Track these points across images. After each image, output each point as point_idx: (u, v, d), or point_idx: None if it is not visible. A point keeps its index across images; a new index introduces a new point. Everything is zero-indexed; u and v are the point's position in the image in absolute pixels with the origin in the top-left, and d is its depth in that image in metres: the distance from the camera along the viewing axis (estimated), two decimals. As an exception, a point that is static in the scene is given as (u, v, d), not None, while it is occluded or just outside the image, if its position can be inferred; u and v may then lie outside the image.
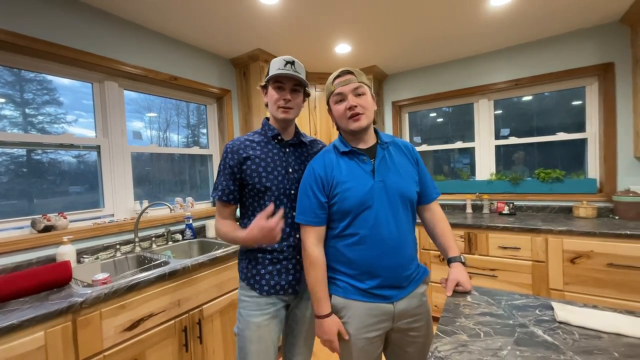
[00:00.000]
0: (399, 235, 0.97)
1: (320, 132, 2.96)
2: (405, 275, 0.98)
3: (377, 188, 0.97)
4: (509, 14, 1.99)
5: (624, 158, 2.17)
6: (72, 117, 1.73)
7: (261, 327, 1.06)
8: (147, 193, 2.11)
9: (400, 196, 0.98)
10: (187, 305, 1.45)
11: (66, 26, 1.58)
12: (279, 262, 1.08)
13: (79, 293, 1.15)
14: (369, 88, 1.02)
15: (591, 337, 0.72)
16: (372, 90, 1.04)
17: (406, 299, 0.98)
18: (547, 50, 2.39)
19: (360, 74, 1.02)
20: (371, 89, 1.04)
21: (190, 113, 2.47)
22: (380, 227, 0.95)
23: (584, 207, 2.17)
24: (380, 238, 0.95)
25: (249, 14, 1.84)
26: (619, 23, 2.13)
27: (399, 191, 0.98)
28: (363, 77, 1.02)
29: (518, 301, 0.93)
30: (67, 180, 1.74)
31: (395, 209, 0.97)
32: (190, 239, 2.05)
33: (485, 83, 2.65)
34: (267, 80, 1.09)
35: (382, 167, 1.00)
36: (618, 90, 2.17)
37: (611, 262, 1.73)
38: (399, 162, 1.03)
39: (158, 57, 2.00)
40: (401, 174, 1.01)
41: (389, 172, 1.00)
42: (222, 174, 1.09)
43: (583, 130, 2.39)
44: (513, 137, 2.64)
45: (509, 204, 2.44)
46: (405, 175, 1.02)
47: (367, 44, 2.36)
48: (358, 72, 1.02)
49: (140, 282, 1.26)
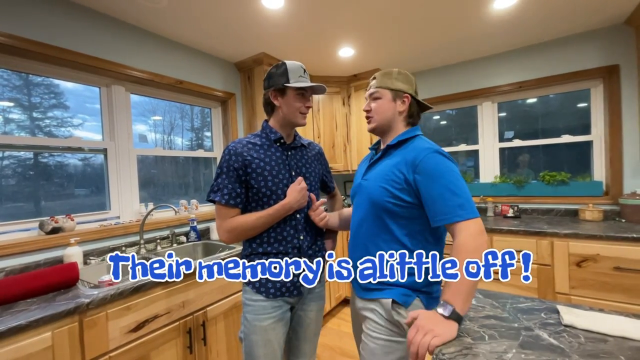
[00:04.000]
0: (356, 236, 1.04)
1: (324, 135, 2.97)
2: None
3: (362, 185, 1.04)
4: (513, 16, 1.99)
5: (630, 160, 2.15)
6: (78, 121, 1.76)
7: (268, 331, 1.06)
8: (152, 196, 2.13)
9: (369, 199, 0.99)
10: (192, 307, 1.46)
11: (76, 33, 1.61)
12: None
13: (85, 294, 1.16)
14: (390, 92, 1.02)
15: (597, 340, 0.71)
16: (396, 92, 1.02)
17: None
18: (552, 53, 2.38)
19: (383, 78, 1.04)
20: (396, 92, 1.02)
21: (194, 116, 2.50)
22: (353, 224, 1.07)
23: (590, 210, 2.15)
24: (351, 234, 1.08)
25: (254, 18, 1.86)
26: (624, 25, 2.12)
27: (368, 193, 1.00)
28: (386, 81, 1.03)
29: (523, 304, 0.93)
30: (74, 183, 1.77)
31: (363, 210, 1.01)
32: (194, 241, 2.07)
33: (489, 86, 2.64)
34: (288, 87, 1.08)
35: (373, 167, 1.05)
36: (623, 92, 2.16)
37: (618, 266, 1.71)
38: (387, 166, 0.98)
39: (163, 61, 2.03)
40: (378, 178, 0.97)
41: (373, 172, 1.02)
42: (225, 176, 1.05)
43: (588, 132, 2.37)
44: (517, 140, 2.63)
45: (513, 207, 2.42)
46: (383, 180, 0.95)
47: (370, 47, 2.38)
48: (383, 75, 1.05)
49: (146, 283, 1.27)
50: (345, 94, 3.03)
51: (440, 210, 0.85)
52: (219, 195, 1.05)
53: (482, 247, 0.80)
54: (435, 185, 0.86)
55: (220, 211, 1.07)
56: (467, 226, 0.81)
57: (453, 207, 0.83)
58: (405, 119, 1.05)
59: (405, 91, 1.02)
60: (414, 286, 0.92)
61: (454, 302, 0.76)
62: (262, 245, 1.09)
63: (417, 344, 0.72)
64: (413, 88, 1.04)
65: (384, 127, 1.05)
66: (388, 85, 1.02)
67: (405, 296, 0.91)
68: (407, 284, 0.92)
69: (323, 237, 1.25)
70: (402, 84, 1.02)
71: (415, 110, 1.05)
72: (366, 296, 0.99)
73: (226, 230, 1.06)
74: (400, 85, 1.02)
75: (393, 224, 0.94)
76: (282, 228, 1.09)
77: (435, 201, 0.86)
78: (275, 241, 1.09)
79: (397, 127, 1.04)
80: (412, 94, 1.03)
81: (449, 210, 0.83)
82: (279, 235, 1.09)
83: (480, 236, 0.81)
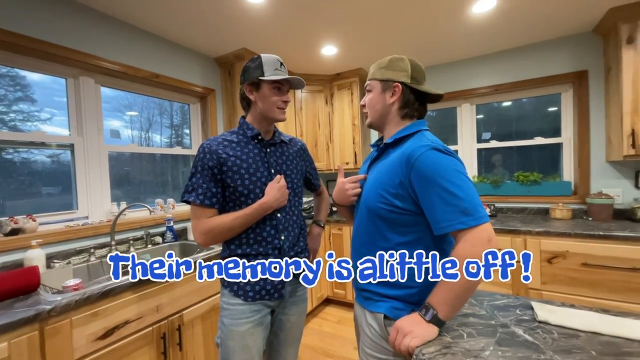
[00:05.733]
0: (355, 239, 0.97)
1: (307, 134, 2.94)
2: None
3: (365, 186, 0.96)
4: (490, 21, 2.05)
5: (596, 162, 2.28)
6: (46, 115, 1.64)
7: (245, 336, 1.02)
8: (126, 194, 2.02)
9: (365, 203, 0.92)
10: (167, 311, 1.39)
11: (40, 20, 1.49)
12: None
13: (47, 300, 1.07)
14: (379, 82, 0.93)
15: (569, 336, 0.73)
16: (385, 83, 0.92)
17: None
18: (526, 57, 2.48)
19: (374, 68, 0.95)
20: (384, 82, 0.92)
21: (174, 113, 2.40)
22: (353, 228, 0.99)
23: (559, 209, 2.25)
24: (352, 238, 0.99)
25: (235, 13, 1.81)
26: (592, 33, 2.23)
27: (364, 197, 0.93)
28: (376, 72, 0.94)
29: (499, 301, 0.95)
30: (40, 181, 1.64)
31: (360, 215, 0.94)
32: (171, 241, 1.98)
33: (467, 88, 2.71)
34: (263, 80, 1.04)
35: (372, 167, 0.97)
36: (591, 97, 2.28)
37: (586, 262, 1.80)
38: (383, 168, 0.90)
39: (138, 54, 1.93)
40: (374, 182, 0.90)
41: (371, 175, 0.95)
42: (199, 175, 1.01)
43: (559, 135, 2.48)
44: (494, 141, 2.72)
45: (490, 206, 2.50)
46: (379, 184, 0.87)
47: (352, 46, 2.37)
48: (376, 65, 0.96)
49: (116, 287, 1.20)
50: (328, 93, 3.02)
51: (442, 217, 0.74)
52: (193, 195, 1.00)
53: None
54: (433, 187, 0.74)
55: (196, 212, 1.01)
56: (472, 235, 0.71)
57: (455, 213, 0.72)
58: (399, 111, 0.92)
59: (395, 79, 0.90)
60: (407, 299, 0.84)
61: (439, 308, 0.73)
62: (240, 246, 1.05)
63: (397, 345, 0.72)
64: (407, 74, 0.90)
65: (377, 122, 0.97)
66: (377, 76, 0.94)
67: (398, 310, 0.83)
68: (400, 297, 0.85)
69: (305, 237, 1.22)
70: (392, 71, 0.91)
71: (410, 100, 0.91)
72: (362, 304, 0.93)
73: (202, 232, 1.00)
74: (389, 74, 0.91)
75: (389, 232, 0.85)
76: (261, 228, 1.05)
77: (435, 206, 0.75)
78: (255, 242, 1.05)
79: (393, 121, 0.93)
80: (404, 82, 0.90)
81: (451, 217, 0.72)
82: (258, 236, 1.05)
83: (486, 244, 0.71)
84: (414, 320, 0.74)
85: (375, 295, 0.89)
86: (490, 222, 0.75)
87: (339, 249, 2.73)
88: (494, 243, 0.72)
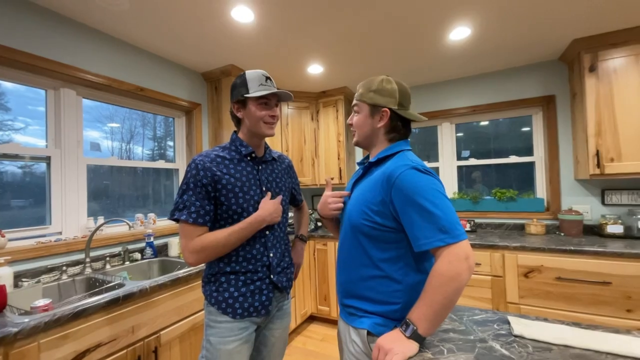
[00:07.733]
0: (340, 254, 0.98)
1: (292, 149, 2.97)
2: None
3: (345, 205, 1.00)
4: (466, 48, 2.19)
5: (566, 180, 2.41)
6: (20, 124, 1.59)
7: (233, 355, 1.00)
8: (104, 208, 1.95)
9: (348, 220, 0.93)
10: (143, 332, 1.33)
11: (21, 30, 1.47)
12: (252, 282, 1.04)
13: (13, 322, 1.01)
14: (368, 106, 0.96)
15: (543, 349, 0.76)
16: (374, 107, 0.95)
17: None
18: (500, 81, 2.64)
19: (363, 89, 0.97)
20: (372, 106, 0.95)
21: (157, 125, 2.37)
22: (338, 243, 1.00)
23: (534, 225, 2.35)
24: (338, 249, 1.00)
25: (222, 30, 1.85)
26: (559, 61, 2.42)
27: (348, 214, 0.95)
28: (365, 94, 0.96)
29: (478, 316, 0.98)
30: (10, 193, 1.57)
31: (344, 231, 0.96)
32: (150, 258, 1.92)
33: (447, 107, 2.85)
34: (248, 97, 1.04)
35: (357, 185, 0.99)
36: (559, 119, 2.44)
37: (559, 276, 1.88)
38: (367, 185, 0.92)
39: (123, 67, 1.92)
40: (358, 199, 0.92)
41: (355, 192, 0.97)
42: (192, 193, 0.97)
43: (531, 154, 2.63)
44: (473, 159, 2.84)
45: (470, 222, 2.58)
46: (362, 201, 0.90)
47: (338, 66, 2.46)
48: (364, 85, 0.98)
49: (88, 307, 1.14)
50: (314, 109, 3.08)
51: (421, 234, 0.76)
52: (185, 213, 0.96)
53: (461, 276, 0.72)
54: (413, 205, 0.77)
55: (186, 231, 0.97)
56: (450, 252, 0.73)
57: (433, 231, 0.74)
58: (387, 134, 0.95)
59: (384, 105, 0.93)
60: (390, 315, 0.84)
61: (418, 324, 0.74)
62: (230, 264, 1.04)
63: None
64: (395, 100, 0.93)
65: (364, 142, 1.00)
66: (365, 100, 0.96)
67: (380, 326, 0.84)
68: (383, 313, 0.85)
69: (290, 252, 1.22)
70: (381, 97, 0.93)
71: (398, 124, 0.95)
72: (346, 319, 0.93)
73: (194, 250, 0.95)
74: (379, 100, 0.93)
75: (371, 248, 0.87)
76: (251, 246, 1.05)
77: (414, 224, 0.77)
78: (244, 260, 1.04)
79: (379, 142, 0.97)
80: (392, 108, 0.93)
81: (429, 234, 0.75)
82: (247, 254, 1.04)
83: (463, 262, 0.72)
84: (394, 337, 0.75)
85: (358, 311, 0.89)
86: (468, 239, 0.77)
87: (323, 264, 2.72)
88: (472, 260, 0.74)
